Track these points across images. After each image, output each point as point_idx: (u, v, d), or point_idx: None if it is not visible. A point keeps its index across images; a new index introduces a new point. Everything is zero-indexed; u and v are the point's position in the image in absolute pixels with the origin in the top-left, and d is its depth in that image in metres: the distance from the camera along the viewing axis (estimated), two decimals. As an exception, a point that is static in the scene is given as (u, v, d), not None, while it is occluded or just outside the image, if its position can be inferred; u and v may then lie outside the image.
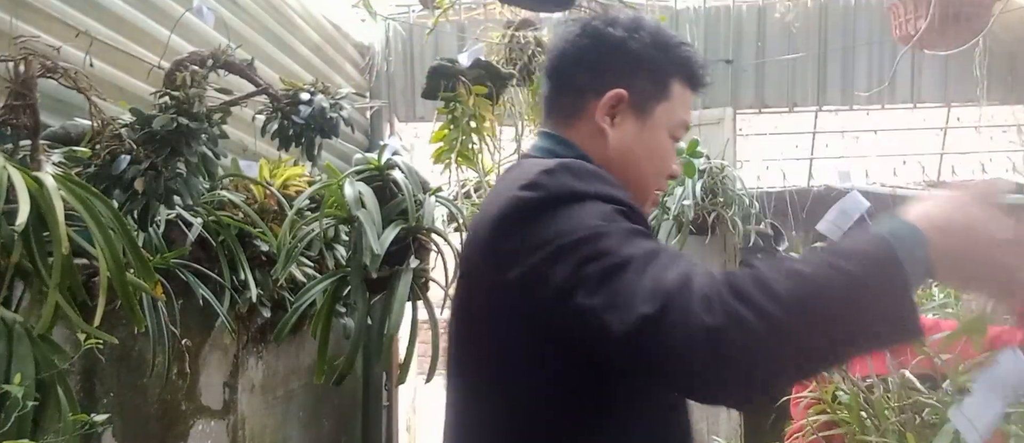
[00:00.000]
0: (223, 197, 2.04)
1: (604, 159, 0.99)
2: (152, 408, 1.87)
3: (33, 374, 1.17)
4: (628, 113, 1.01)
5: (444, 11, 3.22)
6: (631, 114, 1.01)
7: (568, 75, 1.04)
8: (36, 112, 1.37)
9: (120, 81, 1.95)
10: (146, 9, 2.09)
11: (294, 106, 1.92)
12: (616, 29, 1.02)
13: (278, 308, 2.24)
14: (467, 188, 3.05)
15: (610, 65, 1.02)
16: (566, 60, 1.04)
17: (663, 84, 1.03)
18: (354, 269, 2.12)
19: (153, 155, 1.54)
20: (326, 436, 3.02)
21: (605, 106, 1.00)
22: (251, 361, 2.37)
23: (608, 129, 1.00)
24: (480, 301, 0.93)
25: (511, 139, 2.95)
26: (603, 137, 1.00)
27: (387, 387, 3.81)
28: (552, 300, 0.80)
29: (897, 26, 2.87)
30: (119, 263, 1.28)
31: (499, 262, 0.86)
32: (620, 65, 1.01)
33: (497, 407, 0.93)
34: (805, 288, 0.69)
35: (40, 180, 1.24)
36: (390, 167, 2.28)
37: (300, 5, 3.15)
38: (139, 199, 1.51)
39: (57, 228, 1.18)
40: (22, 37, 1.39)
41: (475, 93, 2.53)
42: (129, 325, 1.50)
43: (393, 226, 2.14)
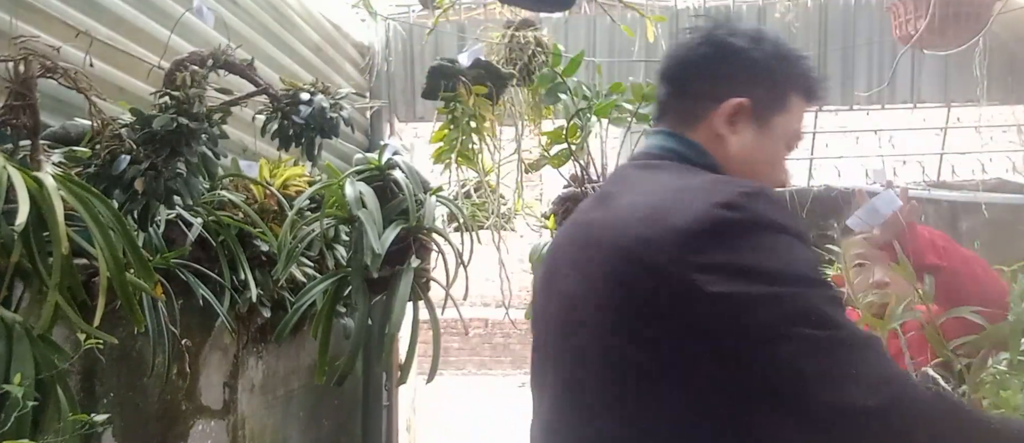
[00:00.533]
0: (223, 197, 2.04)
1: (724, 164, 1.03)
2: (152, 408, 1.87)
3: (33, 374, 1.17)
4: (748, 122, 1.03)
5: (444, 11, 3.22)
6: (751, 123, 1.03)
7: (689, 81, 1.07)
8: (36, 112, 1.36)
9: (120, 81, 1.95)
10: (146, 9, 2.09)
11: (294, 106, 1.92)
12: (739, 39, 1.05)
13: (278, 308, 2.24)
14: (467, 188, 3.05)
15: (732, 74, 1.05)
16: (688, 67, 1.08)
17: (783, 96, 1.06)
18: (355, 269, 2.12)
19: (153, 155, 1.54)
20: (326, 436, 3.02)
21: (726, 113, 1.03)
22: (251, 361, 2.37)
23: (729, 136, 1.03)
24: (647, 307, 0.88)
25: (511, 139, 2.95)
26: (723, 143, 1.03)
27: (387, 387, 3.81)
28: (758, 338, 0.82)
29: (897, 26, 2.86)
30: (119, 263, 1.28)
31: (698, 275, 0.84)
32: (742, 75, 1.04)
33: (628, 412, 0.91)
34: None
35: (40, 180, 1.24)
36: (391, 167, 2.28)
37: (300, 5, 3.15)
38: (139, 199, 1.51)
39: (57, 228, 1.18)
40: (22, 37, 1.38)
41: (475, 93, 2.53)
42: (129, 325, 1.50)
43: (394, 226, 2.14)
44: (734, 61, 1.05)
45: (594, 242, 0.97)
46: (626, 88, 2.85)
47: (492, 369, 9.15)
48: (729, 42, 1.05)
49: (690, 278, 0.84)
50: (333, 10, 3.50)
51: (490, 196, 3.01)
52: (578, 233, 1.04)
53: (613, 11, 3.63)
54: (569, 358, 0.97)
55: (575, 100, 2.82)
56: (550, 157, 2.98)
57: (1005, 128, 4.59)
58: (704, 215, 0.87)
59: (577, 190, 2.99)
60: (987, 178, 3.77)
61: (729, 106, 1.02)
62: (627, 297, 0.90)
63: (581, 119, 2.82)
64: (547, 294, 1.07)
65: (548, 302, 1.05)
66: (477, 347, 9.25)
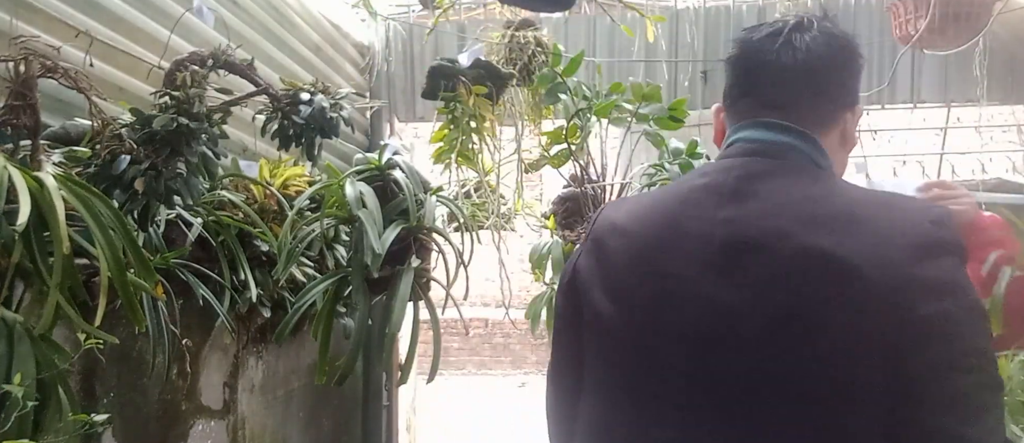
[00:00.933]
0: (223, 197, 2.04)
1: (838, 166, 1.04)
2: (152, 408, 1.87)
3: (33, 374, 1.17)
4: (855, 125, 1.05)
5: (444, 11, 3.22)
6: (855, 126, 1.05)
7: (829, 81, 1.03)
8: (36, 112, 1.36)
9: (120, 81, 1.95)
10: (146, 9, 2.09)
11: (294, 106, 1.92)
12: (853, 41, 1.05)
13: (278, 308, 2.23)
14: (467, 188, 3.05)
15: (856, 79, 1.05)
16: (830, 66, 1.02)
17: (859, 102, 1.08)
18: (355, 269, 2.12)
19: (153, 155, 1.54)
20: (326, 436, 3.02)
21: (855, 120, 1.04)
22: (251, 361, 2.37)
23: (849, 141, 1.05)
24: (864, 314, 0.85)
25: (511, 139, 2.95)
26: (845, 149, 1.05)
27: (387, 387, 3.81)
28: (952, 357, 0.84)
29: (897, 26, 2.87)
30: (119, 263, 1.28)
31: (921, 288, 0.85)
32: (858, 81, 1.06)
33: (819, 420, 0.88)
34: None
35: (41, 180, 1.24)
36: (391, 167, 2.28)
37: (300, 5, 3.15)
38: (139, 199, 1.51)
39: (58, 228, 1.18)
40: (22, 37, 1.38)
41: (475, 93, 2.53)
42: (129, 325, 1.50)
43: (394, 226, 2.14)
44: (858, 66, 1.05)
45: (764, 249, 0.91)
46: (626, 88, 2.85)
47: (492, 369, 9.15)
48: (855, 45, 1.04)
49: (916, 296, 0.84)
50: (333, 10, 3.50)
51: (490, 196, 3.01)
52: (722, 237, 0.94)
53: (613, 11, 3.63)
54: (747, 384, 0.90)
55: (575, 100, 2.82)
56: (550, 157, 2.99)
57: (1005, 128, 4.59)
58: (926, 238, 0.87)
59: (577, 190, 2.99)
60: (987, 178, 3.77)
61: (856, 112, 1.04)
62: (830, 310, 0.86)
63: (581, 119, 2.83)
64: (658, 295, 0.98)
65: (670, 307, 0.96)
66: (477, 347, 9.25)
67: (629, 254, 1.02)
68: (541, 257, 3.27)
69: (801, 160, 0.98)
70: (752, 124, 1.03)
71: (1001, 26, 2.98)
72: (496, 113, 2.72)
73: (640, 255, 1.01)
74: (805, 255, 0.88)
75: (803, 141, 0.99)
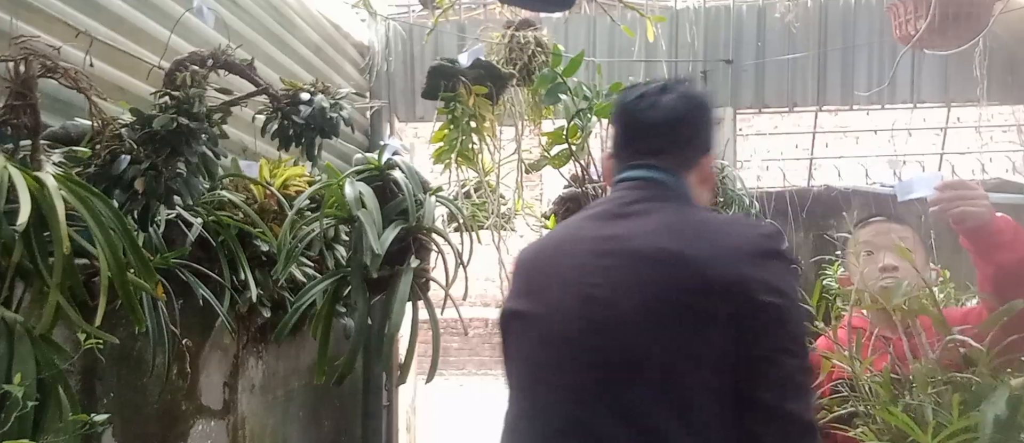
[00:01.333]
0: (223, 197, 2.04)
1: (700, 198, 1.30)
2: (152, 408, 1.87)
3: (34, 374, 1.17)
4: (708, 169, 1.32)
5: (444, 11, 3.22)
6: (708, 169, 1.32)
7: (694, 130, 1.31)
8: (36, 112, 1.36)
9: (120, 81, 1.95)
10: (146, 9, 2.09)
11: (294, 106, 1.92)
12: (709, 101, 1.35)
13: (278, 308, 2.23)
14: (467, 188, 3.04)
15: (713, 130, 1.36)
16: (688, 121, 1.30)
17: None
18: (354, 269, 2.12)
19: (153, 155, 1.54)
20: (326, 436, 3.02)
21: (710, 163, 1.32)
22: (251, 361, 2.37)
23: (707, 180, 1.33)
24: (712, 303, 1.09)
25: (511, 139, 2.95)
26: (704, 185, 1.31)
27: (387, 387, 3.81)
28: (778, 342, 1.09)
29: (897, 26, 2.86)
30: (120, 263, 1.28)
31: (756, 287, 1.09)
32: (710, 128, 1.35)
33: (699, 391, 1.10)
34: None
35: (41, 180, 1.24)
36: (390, 167, 2.28)
37: (300, 5, 3.15)
38: (139, 199, 1.51)
39: (58, 228, 1.18)
40: (22, 37, 1.38)
41: (475, 93, 2.53)
42: (129, 325, 1.50)
43: (393, 226, 2.14)
44: (710, 120, 1.34)
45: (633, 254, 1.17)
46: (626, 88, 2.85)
47: (492, 369, 9.14)
48: (708, 103, 1.34)
49: (750, 290, 1.08)
50: (333, 10, 3.50)
51: (490, 196, 3.01)
52: (603, 246, 1.20)
53: (613, 11, 3.63)
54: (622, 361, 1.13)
55: (575, 100, 2.82)
56: (550, 157, 2.99)
57: (1005, 128, 4.59)
58: (764, 244, 1.14)
59: (577, 190, 2.99)
60: (987, 178, 3.77)
61: (710, 156, 1.32)
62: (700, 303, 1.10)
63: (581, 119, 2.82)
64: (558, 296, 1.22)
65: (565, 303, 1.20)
66: (477, 347, 9.25)
67: (533, 264, 1.32)
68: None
69: (667, 192, 1.25)
70: (630, 166, 1.30)
71: (1001, 26, 2.98)
72: (496, 113, 2.72)
73: (541, 264, 1.30)
74: (666, 256, 1.14)
75: (668, 176, 1.26)
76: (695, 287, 1.10)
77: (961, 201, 1.39)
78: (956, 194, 1.41)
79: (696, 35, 3.82)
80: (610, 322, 1.14)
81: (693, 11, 3.84)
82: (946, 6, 2.64)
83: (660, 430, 1.09)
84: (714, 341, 1.08)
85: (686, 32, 3.81)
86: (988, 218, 1.39)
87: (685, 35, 3.82)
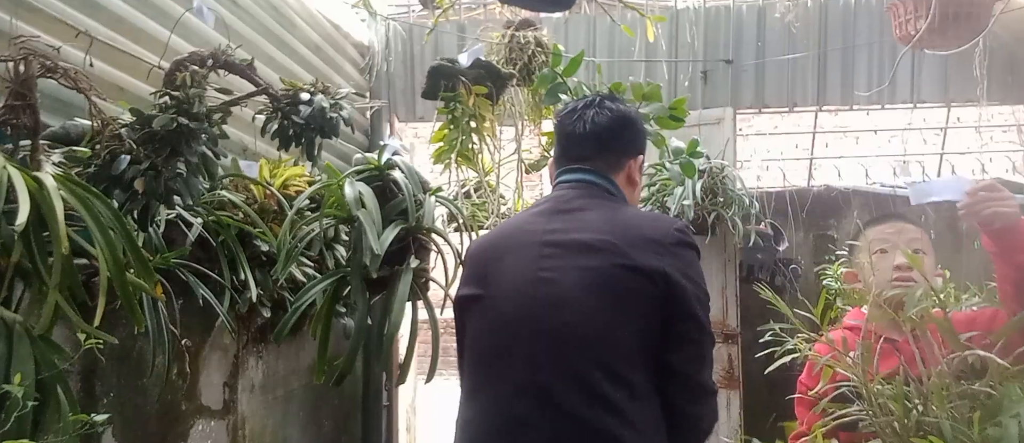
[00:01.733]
0: (223, 197, 2.04)
1: (631, 196, 1.55)
2: (152, 408, 1.87)
3: (33, 374, 1.17)
4: (638, 172, 1.56)
5: (444, 11, 3.22)
6: (638, 173, 1.57)
7: (615, 140, 1.53)
8: (36, 112, 1.36)
9: (120, 81, 1.95)
10: (146, 9, 2.09)
11: (294, 106, 1.92)
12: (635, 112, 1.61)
13: (278, 308, 2.23)
14: (467, 188, 3.05)
15: (639, 138, 1.57)
16: (614, 130, 1.52)
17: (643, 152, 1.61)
18: (354, 269, 2.12)
19: (153, 155, 1.54)
20: (326, 436, 3.02)
21: (638, 166, 1.56)
22: (251, 361, 2.37)
23: (635, 179, 1.56)
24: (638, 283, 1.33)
25: (511, 139, 2.95)
26: (632, 186, 1.55)
27: (387, 387, 3.81)
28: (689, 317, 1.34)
29: (897, 26, 2.86)
30: (119, 263, 1.28)
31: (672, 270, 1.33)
32: (640, 139, 1.58)
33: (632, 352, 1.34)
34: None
35: (40, 180, 1.24)
36: (390, 167, 2.28)
37: (300, 5, 3.15)
38: (139, 199, 1.51)
39: (57, 228, 1.18)
40: (22, 37, 1.39)
41: (475, 93, 2.53)
42: (129, 325, 1.50)
43: (393, 226, 2.14)
44: (639, 129, 1.57)
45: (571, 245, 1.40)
46: (626, 88, 2.85)
47: (492, 369, 9.14)
48: (635, 115, 1.59)
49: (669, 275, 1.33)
50: (333, 10, 3.51)
51: (490, 196, 3.01)
52: (550, 238, 1.42)
53: (613, 11, 3.64)
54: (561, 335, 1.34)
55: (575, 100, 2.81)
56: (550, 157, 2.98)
57: (1005, 128, 4.59)
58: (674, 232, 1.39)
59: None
60: (987, 178, 3.77)
61: (638, 161, 1.56)
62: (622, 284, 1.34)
63: (581, 119, 2.82)
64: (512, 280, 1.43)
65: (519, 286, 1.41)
66: (477, 347, 9.24)
67: (487, 255, 1.52)
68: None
69: (599, 191, 1.49)
70: (565, 171, 1.55)
71: (1001, 26, 2.98)
72: (496, 113, 2.72)
73: (494, 254, 1.50)
74: (603, 245, 1.36)
75: (598, 178, 1.50)
76: (627, 270, 1.33)
77: (993, 203, 1.42)
78: (984, 197, 1.43)
79: (696, 35, 3.82)
80: (558, 300, 1.36)
81: (693, 11, 3.84)
82: (946, 6, 2.64)
83: (601, 388, 1.30)
84: (641, 313, 1.33)
85: (686, 32, 3.81)
86: (1015, 220, 1.42)
87: (685, 35, 3.82)
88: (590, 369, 1.31)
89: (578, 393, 1.30)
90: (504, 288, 1.43)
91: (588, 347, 1.32)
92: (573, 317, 1.34)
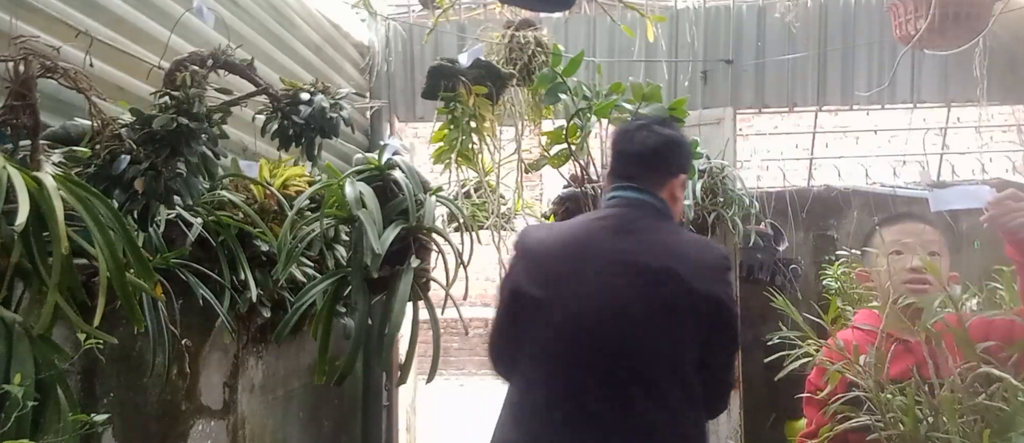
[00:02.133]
0: (223, 197, 2.04)
1: (675, 211, 1.72)
2: (152, 408, 1.87)
3: (33, 374, 1.17)
4: (680, 191, 1.73)
5: (444, 11, 3.22)
6: (680, 191, 1.74)
7: (661, 159, 1.70)
8: (36, 112, 1.36)
9: (120, 81, 1.95)
10: (146, 9, 2.09)
11: (294, 106, 1.92)
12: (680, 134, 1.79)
13: (278, 308, 2.23)
14: (467, 188, 3.04)
15: (682, 157, 1.76)
16: (660, 150, 1.70)
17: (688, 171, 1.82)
18: (355, 269, 2.12)
19: (153, 155, 1.53)
20: (326, 436, 3.02)
21: (680, 183, 1.72)
22: (251, 361, 2.37)
23: (678, 196, 1.72)
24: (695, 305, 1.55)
25: (511, 139, 2.95)
26: (675, 202, 1.71)
27: (387, 387, 3.81)
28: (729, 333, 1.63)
29: (897, 26, 2.86)
30: (119, 263, 1.28)
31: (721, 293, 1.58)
32: (684, 159, 1.78)
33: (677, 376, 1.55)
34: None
35: (40, 180, 1.24)
36: (390, 167, 2.28)
37: (300, 5, 3.15)
38: (139, 199, 1.51)
39: (57, 228, 1.18)
40: (22, 37, 1.38)
41: (475, 93, 2.53)
42: (129, 325, 1.50)
43: (394, 226, 2.14)
44: (683, 151, 1.77)
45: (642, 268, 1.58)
46: (626, 88, 2.85)
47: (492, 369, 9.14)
48: (680, 138, 1.76)
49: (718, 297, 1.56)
50: (333, 10, 3.50)
51: (490, 196, 3.01)
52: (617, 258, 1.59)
53: (613, 11, 3.63)
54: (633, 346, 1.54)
55: (575, 100, 2.81)
56: (550, 157, 2.98)
57: (1005, 128, 4.59)
58: (723, 262, 1.63)
59: (577, 190, 2.99)
60: (987, 178, 3.76)
61: (680, 179, 1.72)
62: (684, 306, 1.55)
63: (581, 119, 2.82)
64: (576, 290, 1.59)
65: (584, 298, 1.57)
66: (477, 347, 9.22)
67: (552, 261, 1.65)
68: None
69: (652, 212, 1.66)
70: (617, 187, 1.71)
71: (1001, 26, 2.98)
72: (496, 113, 2.72)
73: (561, 262, 1.63)
74: (664, 272, 1.56)
75: (647, 196, 1.67)
76: (687, 294, 1.54)
77: (1019, 213, 1.42)
78: (1008, 207, 1.44)
79: (696, 35, 3.82)
80: (618, 317, 1.55)
81: (693, 11, 3.84)
82: (946, 6, 2.64)
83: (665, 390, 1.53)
84: (695, 328, 1.55)
85: (686, 32, 3.81)
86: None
87: (685, 35, 3.81)
88: (657, 375, 1.54)
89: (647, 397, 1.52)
90: (567, 296, 1.59)
91: (655, 357, 1.55)
92: (644, 332, 1.55)
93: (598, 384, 1.53)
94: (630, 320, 1.55)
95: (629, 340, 1.54)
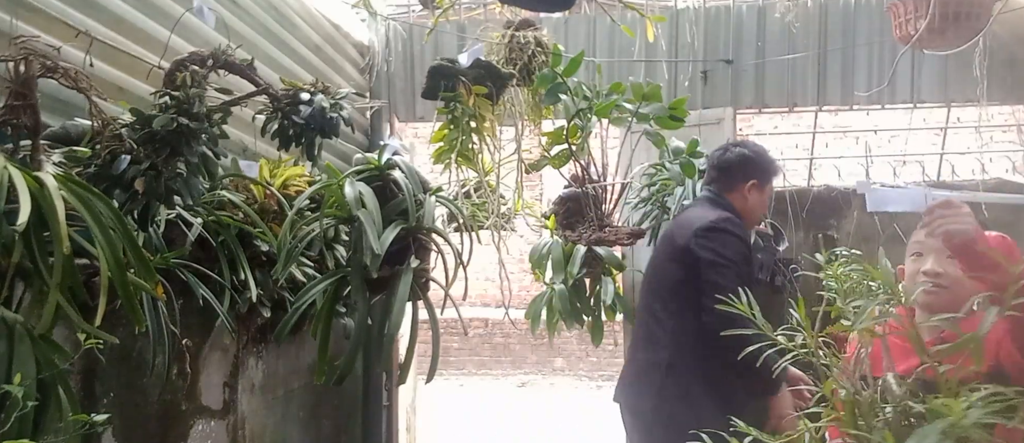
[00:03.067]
0: (223, 197, 2.04)
1: (742, 212, 2.38)
2: (152, 408, 1.87)
3: (33, 374, 1.17)
4: (753, 192, 2.41)
5: (444, 11, 3.22)
6: (755, 192, 2.42)
7: (731, 169, 2.42)
8: (36, 112, 1.36)
9: (120, 81, 1.95)
10: (146, 9, 2.09)
11: (294, 106, 1.92)
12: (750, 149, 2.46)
13: (278, 308, 2.23)
14: (467, 188, 3.04)
15: (751, 168, 2.42)
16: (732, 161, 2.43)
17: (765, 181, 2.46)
18: (354, 269, 2.12)
19: (153, 155, 1.54)
20: (326, 436, 3.02)
21: (747, 188, 2.40)
22: (251, 361, 2.37)
23: (747, 199, 2.41)
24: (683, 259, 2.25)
25: (511, 139, 2.95)
26: (744, 202, 2.40)
27: (387, 387, 3.81)
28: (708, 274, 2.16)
29: (897, 26, 2.86)
30: (120, 263, 1.28)
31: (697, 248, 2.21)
32: (752, 169, 2.41)
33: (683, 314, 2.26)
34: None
35: (41, 180, 1.24)
36: (390, 167, 2.28)
37: (300, 5, 3.15)
38: (139, 199, 1.51)
39: (58, 228, 1.18)
40: (22, 37, 1.39)
41: (475, 93, 2.53)
42: (129, 325, 1.50)
43: (393, 226, 2.14)
44: (751, 161, 2.42)
45: (664, 234, 2.49)
46: (626, 88, 2.85)
47: (492, 369, 9.12)
48: (748, 151, 2.43)
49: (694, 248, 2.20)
50: (333, 10, 3.50)
51: (490, 196, 3.01)
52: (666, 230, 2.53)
53: (613, 11, 3.64)
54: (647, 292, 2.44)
55: (575, 100, 2.82)
56: (550, 157, 2.98)
57: (1005, 128, 4.59)
58: (705, 224, 2.24)
59: (577, 190, 2.99)
60: (987, 178, 3.76)
61: (748, 185, 2.40)
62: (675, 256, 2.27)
63: (581, 119, 2.82)
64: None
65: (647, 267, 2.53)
66: (477, 347, 9.23)
67: None
68: (541, 257, 3.26)
69: (704, 201, 2.41)
70: (702, 188, 2.51)
71: (1001, 26, 2.98)
72: (496, 113, 2.72)
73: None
74: (666, 234, 2.45)
75: (711, 193, 2.43)
76: (674, 246, 2.28)
77: (948, 220, 1.42)
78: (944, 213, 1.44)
79: (696, 35, 3.82)
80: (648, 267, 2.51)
81: (693, 11, 3.84)
82: (946, 6, 2.63)
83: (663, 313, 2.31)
84: (682, 270, 2.22)
85: (686, 32, 3.81)
86: (972, 234, 1.41)
87: (685, 35, 3.81)
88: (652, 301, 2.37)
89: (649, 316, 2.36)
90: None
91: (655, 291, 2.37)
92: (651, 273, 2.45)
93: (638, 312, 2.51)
94: (650, 266, 2.48)
95: (647, 280, 2.46)
